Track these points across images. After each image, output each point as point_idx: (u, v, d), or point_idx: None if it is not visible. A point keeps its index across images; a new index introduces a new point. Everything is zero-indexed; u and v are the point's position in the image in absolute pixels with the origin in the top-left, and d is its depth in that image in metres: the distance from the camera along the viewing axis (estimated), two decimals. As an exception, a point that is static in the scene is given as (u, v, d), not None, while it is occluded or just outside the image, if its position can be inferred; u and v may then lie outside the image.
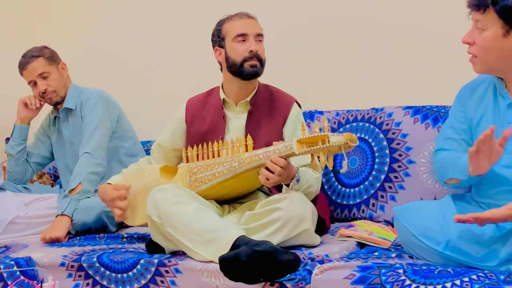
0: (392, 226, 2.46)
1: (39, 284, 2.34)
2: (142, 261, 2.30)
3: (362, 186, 2.82)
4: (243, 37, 2.56)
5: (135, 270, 2.30)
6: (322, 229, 2.51)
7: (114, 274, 2.33)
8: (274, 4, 3.28)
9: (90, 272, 2.37)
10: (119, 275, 2.32)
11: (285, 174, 2.27)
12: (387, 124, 2.82)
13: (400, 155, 2.76)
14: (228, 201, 2.54)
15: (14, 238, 2.87)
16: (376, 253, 2.24)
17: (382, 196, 2.77)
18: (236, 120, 2.62)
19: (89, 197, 2.92)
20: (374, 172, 2.81)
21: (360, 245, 2.43)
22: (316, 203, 2.46)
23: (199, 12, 3.54)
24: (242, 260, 2.01)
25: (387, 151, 2.79)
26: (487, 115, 2.21)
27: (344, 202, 2.85)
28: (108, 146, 3.10)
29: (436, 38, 3.02)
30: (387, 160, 2.78)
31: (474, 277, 1.87)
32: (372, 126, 2.86)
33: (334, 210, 2.87)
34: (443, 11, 3.01)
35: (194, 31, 3.54)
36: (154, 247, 2.40)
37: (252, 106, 2.61)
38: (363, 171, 2.84)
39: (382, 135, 2.82)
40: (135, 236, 2.80)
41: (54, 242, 2.72)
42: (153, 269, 2.27)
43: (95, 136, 3.04)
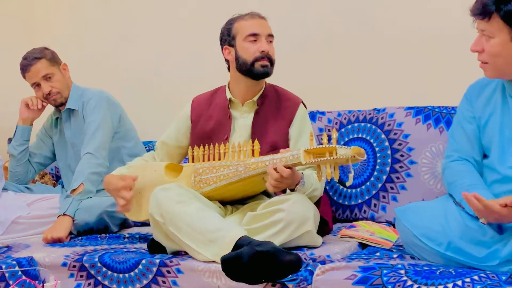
0: (394, 226, 2.46)
1: (41, 284, 2.34)
2: (144, 261, 2.30)
3: (363, 187, 2.82)
4: (255, 37, 2.55)
5: (136, 270, 2.30)
6: (324, 230, 2.51)
7: (115, 274, 2.33)
8: (275, 5, 3.28)
9: (92, 272, 2.37)
10: (121, 275, 2.33)
11: (289, 181, 2.27)
12: (389, 125, 2.82)
13: (401, 155, 2.76)
14: (231, 202, 2.54)
15: (16, 238, 2.87)
16: (377, 253, 2.24)
17: (384, 197, 2.77)
18: (242, 120, 2.62)
19: (91, 197, 2.91)
20: (375, 173, 2.81)
21: (362, 245, 2.43)
22: (318, 205, 2.46)
23: (200, 13, 3.54)
24: (244, 260, 2.01)
25: (389, 152, 2.79)
26: (495, 115, 2.20)
27: (346, 203, 2.85)
28: (110, 147, 3.10)
29: (437, 38, 3.02)
30: (389, 160, 2.78)
31: (476, 277, 1.87)
32: (373, 127, 2.86)
33: (336, 211, 2.86)
34: (443, 11, 3.01)
35: (195, 32, 3.54)
36: (155, 246, 2.40)
37: (259, 106, 2.61)
38: (365, 172, 2.84)
39: (383, 136, 2.82)
40: (137, 236, 2.80)
41: (56, 242, 2.72)
42: (154, 269, 2.27)
43: (97, 137, 3.03)
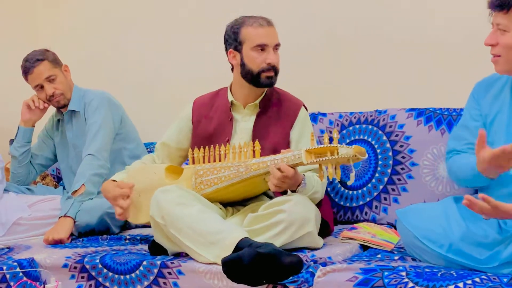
0: (395, 228, 2.46)
1: (42, 286, 2.34)
2: (145, 262, 2.30)
3: (365, 189, 2.82)
4: (263, 47, 2.54)
5: (137, 272, 2.30)
6: (325, 231, 2.51)
7: (116, 276, 2.33)
8: (275, 6, 3.28)
9: (93, 273, 2.37)
10: (122, 277, 2.32)
11: (291, 181, 2.27)
12: (390, 126, 2.82)
13: (403, 157, 2.76)
14: (232, 203, 2.53)
15: (17, 239, 2.87)
16: (379, 255, 2.24)
17: (385, 199, 2.77)
18: (244, 122, 2.62)
19: (92, 198, 2.91)
20: (377, 175, 2.80)
21: (363, 247, 2.43)
22: (320, 206, 2.46)
23: (200, 13, 3.54)
24: (245, 262, 2.01)
25: (390, 154, 2.79)
26: (502, 113, 2.20)
27: (347, 204, 2.85)
28: (111, 148, 3.10)
29: (438, 39, 3.02)
30: (390, 162, 2.78)
31: (477, 279, 1.86)
32: (375, 128, 2.86)
33: (337, 212, 2.86)
34: (443, 12, 3.00)
35: (195, 32, 3.54)
36: (156, 248, 2.40)
37: (261, 108, 2.61)
38: (366, 174, 2.83)
39: (385, 137, 2.82)
40: (138, 237, 2.80)
41: (57, 243, 2.72)
42: (155, 270, 2.27)
43: (98, 138, 3.03)
